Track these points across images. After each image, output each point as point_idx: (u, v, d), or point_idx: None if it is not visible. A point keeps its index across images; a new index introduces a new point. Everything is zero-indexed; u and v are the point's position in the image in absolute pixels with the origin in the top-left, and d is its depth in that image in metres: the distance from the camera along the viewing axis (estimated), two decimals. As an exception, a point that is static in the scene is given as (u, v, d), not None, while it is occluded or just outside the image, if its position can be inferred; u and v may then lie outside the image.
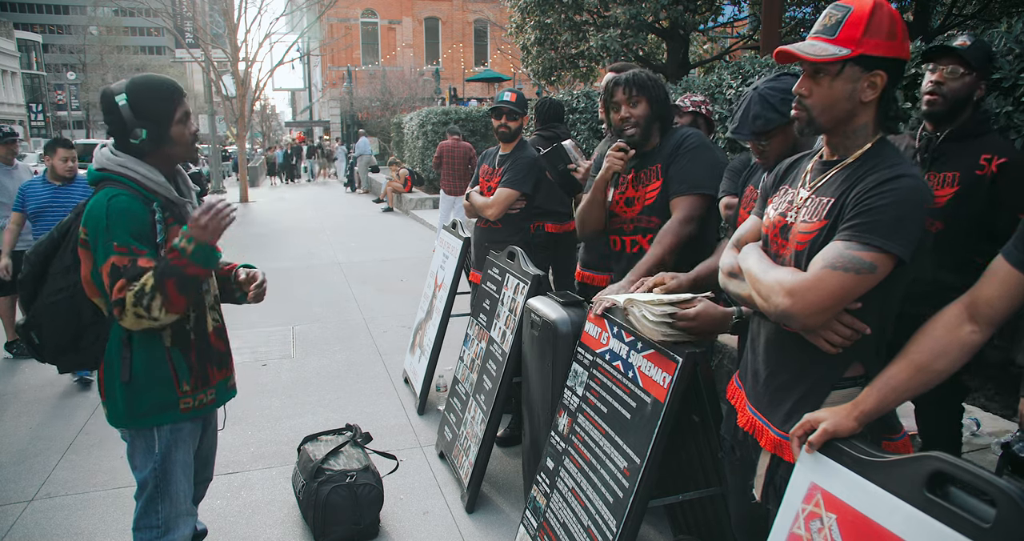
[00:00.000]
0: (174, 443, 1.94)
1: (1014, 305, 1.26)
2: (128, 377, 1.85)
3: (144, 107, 1.82)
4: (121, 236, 1.75)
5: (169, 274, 1.73)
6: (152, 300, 1.72)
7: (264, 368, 4.74)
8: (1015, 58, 2.75)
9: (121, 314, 1.73)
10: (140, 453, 1.94)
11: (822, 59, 1.37)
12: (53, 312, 1.89)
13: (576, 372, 2.35)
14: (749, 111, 2.05)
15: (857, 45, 1.35)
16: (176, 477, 1.96)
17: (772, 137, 2.07)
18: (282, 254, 9.42)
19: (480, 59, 36.09)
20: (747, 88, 2.20)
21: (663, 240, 2.33)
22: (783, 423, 1.49)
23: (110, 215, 1.75)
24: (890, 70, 1.38)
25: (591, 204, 2.56)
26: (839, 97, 1.40)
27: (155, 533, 1.96)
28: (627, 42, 9.30)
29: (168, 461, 1.94)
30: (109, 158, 1.85)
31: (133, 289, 1.72)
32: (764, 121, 2.02)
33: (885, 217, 1.31)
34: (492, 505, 2.99)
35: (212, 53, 18.04)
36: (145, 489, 1.95)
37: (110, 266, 1.73)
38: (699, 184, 2.39)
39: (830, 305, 1.34)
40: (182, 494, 1.98)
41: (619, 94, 2.43)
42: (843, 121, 1.43)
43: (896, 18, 1.36)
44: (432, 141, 13.86)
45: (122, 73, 49.12)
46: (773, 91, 2.01)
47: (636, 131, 2.44)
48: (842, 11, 1.38)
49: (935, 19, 9.06)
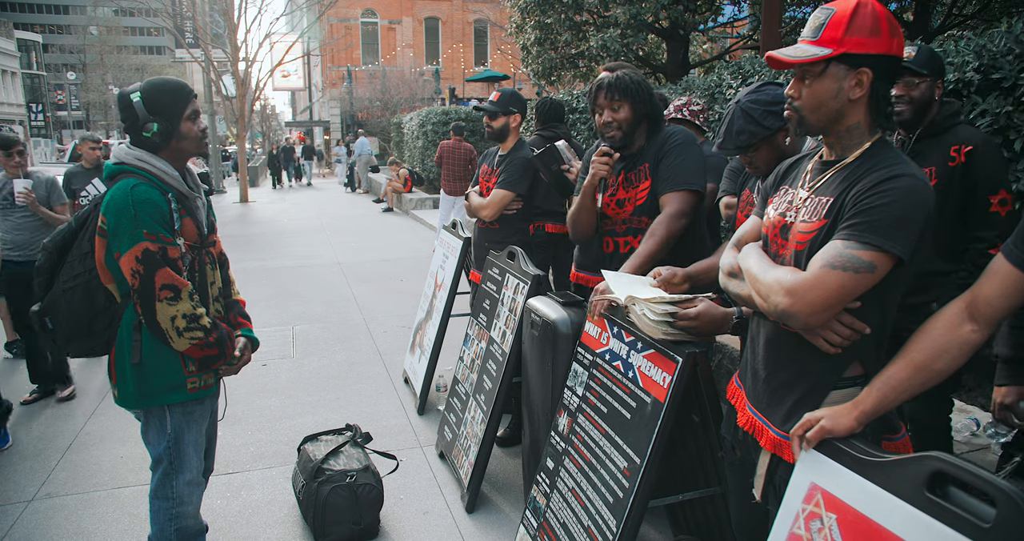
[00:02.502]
0: (186, 424, 2.09)
1: (1014, 304, 1.26)
2: (138, 359, 1.97)
3: (156, 103, 1.96)
4: (150, 224, 1.87)
5: (214, 346, 1.99)
6: (191, 328, 1.92)
7: (264, 368, 4.74)
8: (1015, 58, 2.75)
9: (175, 299, 1.89)
10: (154, 430, 2.08)
11: (803, 60, 1.39)
12: (70, 297, 2.01)
13: (576, 372, 2.35)
14: (733, 126, 2.07)
15: (839, 44, 1.37)
16: (188, 454, 2.11)
17: (758, 149, 2.09)
18: (282, 254, 9.42)
19: (480, 59, 36.08)
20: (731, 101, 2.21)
21: (656, 232, 2.33)
22: (783, 423, 1.49)
23: (136, 204, 1.87)
24: (877, 67, 1.38)
25: (580, 209, 2.57)
26: (826, 97, 1.41)
27: (171, 503, 2.12)
28: (627, 42, 9.29)
29: (181, 441, 2.09)
30: (127, 153, 1.98)
31: (194, 301, 1.93)
32: (748, 135, 2.04)
33: (884, 216, 1.31)
34: (492, 505, 2.99)
35: (212, 53, 18.05)
36: (160, 464, 2.10)
37: (142, 250, 1.85)
38: (687, 180, 2.39)
39: (830, 304, 1.34)
40: (194, 469, 2.15)
41: (601, 98, 2.44)
42: (834, 120, 1.44)
43: (881, 16, 1.37)
44: (432, 141, 13.87)
45: (122, 73, 49.27)
46: (755, 104, 2.03)
47: (618, 134, 2.45)
48: (826, 13, 1.41)
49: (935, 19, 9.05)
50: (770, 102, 2.02)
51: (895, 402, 1.34)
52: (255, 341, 2.30)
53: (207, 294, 2.12)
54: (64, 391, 4.24)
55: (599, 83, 2.44)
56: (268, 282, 7.54)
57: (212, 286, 2.15)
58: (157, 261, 1.86)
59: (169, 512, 2.12)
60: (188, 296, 1.92)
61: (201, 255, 2.09)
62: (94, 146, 5.05)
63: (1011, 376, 2.13)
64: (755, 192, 2.26)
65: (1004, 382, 2.15)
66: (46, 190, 4.31)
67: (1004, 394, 2.14)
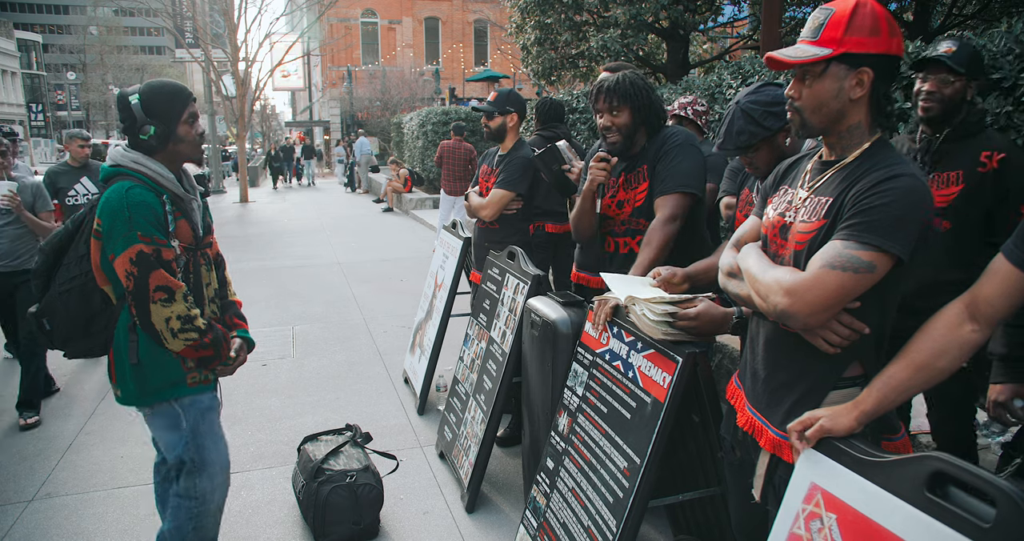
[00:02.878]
0: (200, 414, 2.08)
1: (1015, 304, 1.26)
2: (136, 359, 1.98)
3: (154, 106, 1.97)
4: (144, 226, 1.88)
5: (209, 347, 1.99)
6: (186, 329, 1.91)
7: (264, 368, 4.74)
8: (1015, 58, 2.75)
9: (170, 300, 1.88)
10: (166, 431, 2.07)
11: (803, 60, 1.40)
12: (66, 299, 2.01)
13: (576, 372, 2.35)
14: (733, 126, 2.07)
15: (838, 44, 1.37)
16: (207, 448, 2.10)
17: (758, 150, 2.09)
18: (282, 254, 9.42)
19: (480, 59, 36.07)
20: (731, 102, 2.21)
21: (651, 240, 2.34)
22: (782, 423, 1.49)
23: (130, 206, 1.87)
24: (878, 67, 1.39)
25: (581, 213, 2.57)
26: (827, 97, 1.41)
27: (193, 503, 2.11)
28: (627, 42, 9.29)
29: (197, 433, 2.08)
30: (123, 155, 1.98)
31: (188, 303, 1.93)
32: (748, 136, 2.05)
33: (884, 216, 1.31)
34: (492, 505, 2.99)
35: (212, 53, 18.04)
36: (183, 466, 2.09)
37: (136, 252, 1.86)
38: (682, 182, 2.38)
39: (829, 304, 1.34)
40: (217, 465, 2.13)
41: (601, 102, 2.44)
42: (835, 120, 1.44)
43: (880, 16, 1.37)
44: (432, 141, 13.86)
45: (122, 73, 49.25)
46: (755, 105, 2.03)
47: (618, 139, 2.46)
48: (825, 13, 1.41)
49: (935, 19, 9.05)
50: (770, 103, 2.03)
51: (895, 402, 1.34)
52: (251, 342, 2.30)
53: (202, 295, 2.12)
54: (30, 420, 3.82)
55: (599, 86, 2.44)
56: (268, 282, 7.54)
57: (207, 287, 2.15)
58: (151, 263, 1.87)
59: (191, 511, 2.12)
60: (182, 298, 1.92)
61: (196, 257, 2.09)
62: (83, 144, 4.91)
63: (1006, 374, 2.13)
64: (755, 192, 2.26)
65: (999, 380, 2.15)
66: (32, 195, 4.02)
67: (998, 392, 2.14)
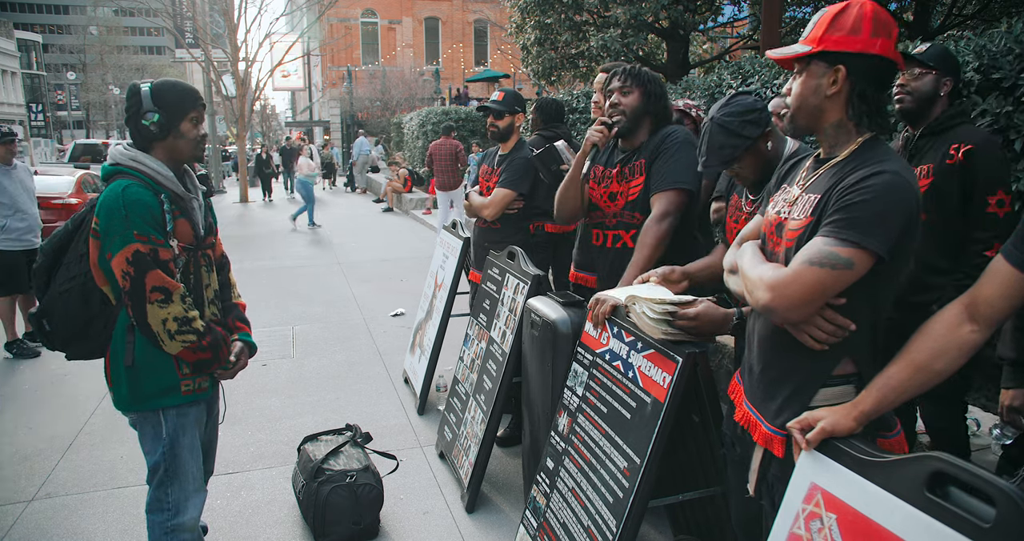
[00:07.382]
0: (181, 428, 2.04)
1: (1014, 305, 1.26)
2: (132, 361, 1.95)
3: (163, 97, 1.96)
4: (141, 225, 1.86)
5: (207, 350, 1.97)
6: (183, 331, 1.90)
7: (264, 368, 4.74)
8: (1015, 58, 2.75)
9: (166, 301, 1.87)
10: (149, 438, 2.03)
11: (787, 56, 1.47)
12: (66, 299, 2.00)
13: (576, 372, 2.35)
14: (714, 142, 2.05)
15: (818, 42, 1.42)
16: (184, 460, 2.05)
17: (742, 160, 2.08)
18: (282, 254, 9.43)
19: (480, 59, 36.06)
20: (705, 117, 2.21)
21: (645, 241, 2.35)
22: (774, 418, 1.50)
23: (127, 205, 1.86)
24: (853, 65, 1.40)
25: (569, 181, 2.61)
26: (807, 93, 1.46)
27: (167, 515, 2.05)
28: (627, 42, 9.29)
29: (176, 445, 2.03)
30: (122, 153, 1.96)
31: (186, 304, 1.91)
32: (731, 149, 2.03)
33: (863, 213, 1.32)
34: (492, 505, 2.99)
35: (212, 53, 18.05)
36: (156, 473, 2.04)
37: (133, 252, 1.84)
38: (676, 179, 2.39)
39: (808, 300, 1.35)
40: (191, 477, 2.08)
41: (615, 82, 2.49)
42: (816, 117, 1.48)
43: (867, 16, 1.39)
44: (432, 141, 13.88)
45: (122, 73, 49.22)
46: (730, 117, 2.02)
47: (623, 119, 2.48)
48: (818, 14, 1.47)
49: (935, 19, 9.06)
50: (744, 112, 2.01)
51: (895, 403, 1.34)
52: (253, 346, 2.26)
53: (202, 297, 2.09)
54: None
55: (615, 67, 2.50)
56: (268, 282, 7.54)
57: (207, 289, 2.12)
58: (147, 263, 1.85)
59: (164, 526, 2.04)
60: (180, 299, 1.90)
61: (196, 257, 2.06)
62: None
63: (1018, 379, 2.13)
64: (743, 198, 2.27)
65: (1011, 385, 2.15)
66: None
67: (1012, 397, 2.14)
